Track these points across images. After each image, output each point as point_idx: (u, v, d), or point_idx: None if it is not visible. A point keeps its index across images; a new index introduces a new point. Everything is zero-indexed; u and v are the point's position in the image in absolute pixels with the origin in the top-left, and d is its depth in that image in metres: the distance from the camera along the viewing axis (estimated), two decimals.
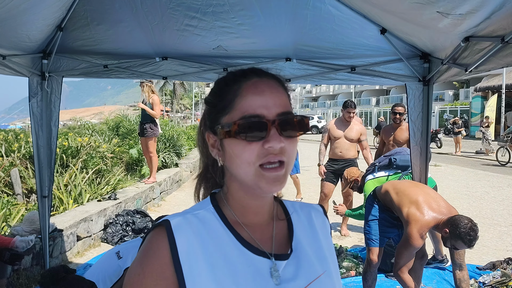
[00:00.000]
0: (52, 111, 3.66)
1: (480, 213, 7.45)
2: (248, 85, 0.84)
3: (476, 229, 2.78)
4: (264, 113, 0.81)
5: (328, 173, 5.88)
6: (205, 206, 0.90)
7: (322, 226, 1.01)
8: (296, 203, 1.03)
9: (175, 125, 15.87)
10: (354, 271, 4.51)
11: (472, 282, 4.21)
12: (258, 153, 0.80)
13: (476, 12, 1.95)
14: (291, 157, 0.83)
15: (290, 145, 0.83)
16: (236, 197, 0.89)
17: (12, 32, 2.85)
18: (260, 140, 0.80)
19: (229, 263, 0.82)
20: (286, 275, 0.86)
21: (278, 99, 0.83)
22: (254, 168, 0.80)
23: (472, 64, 2.51)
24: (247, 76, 0.86)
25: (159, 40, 3.32)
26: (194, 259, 0.80)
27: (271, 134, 0.80)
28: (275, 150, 0.80)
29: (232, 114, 0.83)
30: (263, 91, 0.83)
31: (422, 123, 3.45)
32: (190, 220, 0.84)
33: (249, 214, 0.89)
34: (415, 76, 3.35)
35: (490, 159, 15.70)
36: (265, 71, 0.89)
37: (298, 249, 0.92)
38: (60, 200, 6.07)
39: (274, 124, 0.80)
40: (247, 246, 0.85)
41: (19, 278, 3.93)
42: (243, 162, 0.81)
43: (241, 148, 0.81)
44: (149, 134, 7.77)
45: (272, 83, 0.85)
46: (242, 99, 0.83)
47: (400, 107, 5.61)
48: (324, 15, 2.92)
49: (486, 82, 27.38)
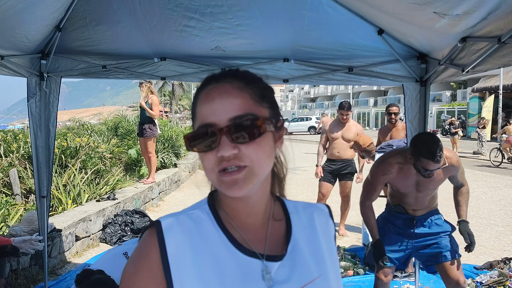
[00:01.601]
0: (50, 111, 3.66)
1: (478, 213, 7.48)
2: (202, 93, 0.84)
3: (435, 139, 2.65)
4: (214, 121, 0.80)
5: (326, 173, 5.90)
6: (201, 206, 0.91)
7: (325, 227, 1.00)
8: (299, 203, 1.01)
9: (174, 126, 15.88)
10: (352, 271, 4.53)
11: (469, 282, 4.22)
12: (214, 161, 0.80)
13: (473, 13, 1.96)
14: (254, 160, 0.80)
15: (250, 149, 0.80)
16: (224, 200, 0.89)
17: (10, 32, 2.85)
18: (213, 149, 0.80)
19: (218, 263, 0.82)
20: (278, 277, 0.85)
21: (229, 104, 0.81)
22: (215, 174, 0.81)
23: (469, 64, 2.52)
24: (206, 84, 0.86)
25: (158, 40, 3.33)
26: (182, 260, 0.81)
27: (221, 142, 0.79)
28: (227, 157, 0.78)
29: (195, 124, 0.85)
30: (213, 99, 0.82)
31: (419, 123, 3.46)
32: (182, 221, 0.86)
33: (240, 216, 0.89)
34: (412, 77, 3.37)
35: (487, 160, 15.74)
36: (226, 74, 0.86)
37: (295, 250, 0.90)
38: (58, 200, 6.07)
39: (222, 132, 0.79)
40: (238, 247, 0.85)
41: (17, 278, 3.93)
42: (206, 170, 0.83)
43: (201, 156, 0.83)
44: (148, 135, 7.78)
45: (226, 87, 0.83)
46: (198, 108, 0.84)
47: (395, 107, 5.70)
48: (322, 16, 2.93)
49: (484, 83, 27.44)
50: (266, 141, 0.83)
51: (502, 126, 20.27)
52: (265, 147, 0.82)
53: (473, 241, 3.12)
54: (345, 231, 6.09)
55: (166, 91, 56.12)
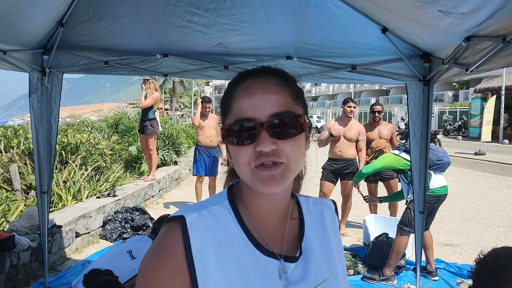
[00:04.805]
0: (52, 107, 3.66)
1: (479, 214, 7.47)
2: (242, 88, 0.85)
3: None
4: (255, 116, 0.80)
5: (328, 173, 5.89)
6: (222, 201, 0.90)
7: (332, 223, 1.01)
8: (310, 199, 1.03)
9: (174, 123, 15.87)
10: (352, 270, 4.52)
11: (470, 283, 4.21)
12: (251, 155, 0.80)
13: (478, 12, 1.94)
14: (290, 157, 0.81)
15: (287, 145, 0.81)
16: (248, 197, 0.89)
17: (12, 27, 2.84)
18: (252, 143, 0.80)
19: (240, 263, 0.83)
20: (294, 276, 0.86)
21: (270, 99, 0.81)
22: (250, 169, 0.81)
23: (473, 64, 2.50)
24: (243, 78, 0.86)
25: (160, 36, 3.32)
26: (206, 258, 0.80)
27: (261, 137, 0.79)
28: (266, 153, 0.79)
29: (229, 118, 0.85)
30: (254, 93, 0.82)
31: (422, 123, 3.44)
32: (205, 217, 0.85)
33: (261, 214, 0.89)
34: (416, 76, 3.35)
35: (489, 160, 15.72)
36: (265, 70, 0.87)
37: (307, 250, 0.92)
38: (59, 197, 6.07)
39: (263, 127, 0.79)
40: (258, 246, 0.86)
41: (17, 274, 3.93)
42: (240, 164, 0.82)
43: (236, 150, 0.82)
44: (150, 132, 7.77)
45: (267, 83, 0.84)
46: (235, 102, 0.84)
47: (379, 106, 6.26)
48: (325, 13, 2.92)
49: (486, 83, 27.40)
50: (301, 140, 0.84)
51: (504, 128, 20.24)
52: (300, 146, 0.84)
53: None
54: (346, 230, 6.08)
55: (166, 88, 56.09)
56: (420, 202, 3.62)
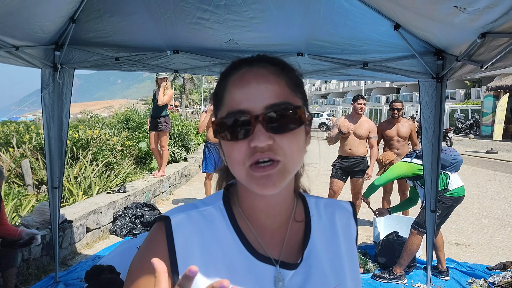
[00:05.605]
0: (63, 102, 3.68)
1: (491, 213, 7.38)
2: (235, 77, 0.77)
3: None
4: (249, 108, 0.72)
5: (338, 170, 5.85)
6: (215, 202, 0.84)
7: (346, 229, 0.91)
8: (321, 200, 0.93)
9: (184, 120, 15.92)
10: (362, 269, 4.50)
11: (482, 282, 4.17)
12: (245, 152, 0.72)
13: (494, 7, 1.91)
14: (288, 153, 0.73)
15: (285, 140, 0.72)
16: (244, 197, 0.82)
17: (25, 23, 2.86)
18: (246, 138, 0.72)
19: (229, 266, 0.77)
20: (292, 285, 0.79)
21: (266, 89, 0.73)
22: (245, 169, 0.73)
23: (488, 61, 2.46)
24: (237, 67, 0.79)
25: (171, 33, 3.32)
26: (192, 260, 0.75)
27: (255, 131, 0.71)
28: (261, 148, 0.71)
29: (222, 110, 0.77)
30: (248, 83, 0.74)
31: (435, 121, 3.40)
32: (194, 218, 0.79)
33: (258, 216, 0.82)
34: (428, 73, 3.30)
35: (501, 159, 15.54)
36: (261, 58, 0.80)
37: (311, 257, 0.83)
38: (70, 192, 6.12)
39: (258, 120, 0.71)
40: (251, 250, 0.79)
41: (28, 268, 3.97)
42: (233, 162, 0.75)
43: (229, 147, 0.74)
44: (164, 128, 7.84)
45: (262, 72, 0.76)
46: (228, 93, 0.76)
47: (398, 103, 6.15)
48: (337, 10, 2.89)
49: (499, 81, 27.04)
50: (300, 134, 0.76)
51: None
52: (299, 140, 0.76)
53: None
54: None
55: (176, 85, 56.29)
56: (431, 201, 3.58)
